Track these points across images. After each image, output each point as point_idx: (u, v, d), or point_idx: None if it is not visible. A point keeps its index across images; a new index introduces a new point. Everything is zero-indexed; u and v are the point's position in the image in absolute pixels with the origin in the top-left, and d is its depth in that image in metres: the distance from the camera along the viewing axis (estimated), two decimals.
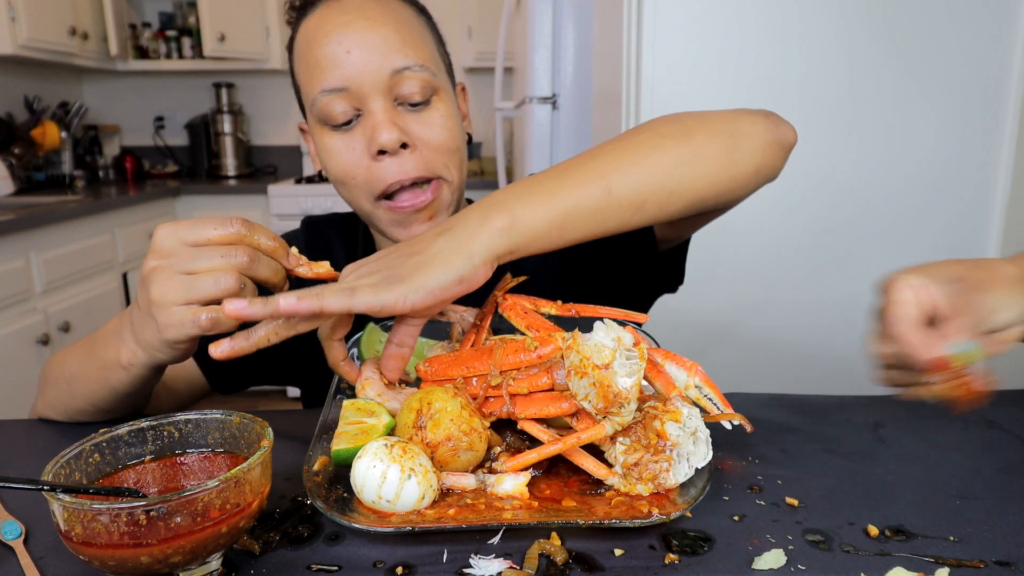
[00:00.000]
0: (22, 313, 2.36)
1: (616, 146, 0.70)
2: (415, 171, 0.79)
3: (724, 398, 0.66)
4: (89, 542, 0.45)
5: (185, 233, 0.61)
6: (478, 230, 0.61)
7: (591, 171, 0.66)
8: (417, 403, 0.60)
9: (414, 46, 0.80)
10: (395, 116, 0.79)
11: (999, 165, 1.66)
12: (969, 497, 0.61)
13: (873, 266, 1.71)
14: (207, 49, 3.30)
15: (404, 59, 0.79)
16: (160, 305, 0.61)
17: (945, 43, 1.58)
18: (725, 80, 1.61)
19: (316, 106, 0.79)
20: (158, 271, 0.61)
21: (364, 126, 0.79)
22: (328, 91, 0.78)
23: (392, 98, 0.79)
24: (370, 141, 0.78)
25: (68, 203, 2.67)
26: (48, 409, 0.80)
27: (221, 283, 0.60)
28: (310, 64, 0.80)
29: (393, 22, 0.80)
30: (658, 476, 0.57)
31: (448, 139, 0.82)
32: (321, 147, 0.82)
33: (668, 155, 0.69)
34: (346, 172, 0.81)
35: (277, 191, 3.28)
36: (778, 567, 0.51)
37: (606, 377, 0.56)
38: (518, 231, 0.62)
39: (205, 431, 0.57)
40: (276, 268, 0.64)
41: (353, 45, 0.78)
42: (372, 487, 0.54)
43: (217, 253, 0.60)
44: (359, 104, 0.79)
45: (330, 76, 0.78)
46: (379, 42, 0.78)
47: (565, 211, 0.64)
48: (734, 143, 0.72)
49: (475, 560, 0.52)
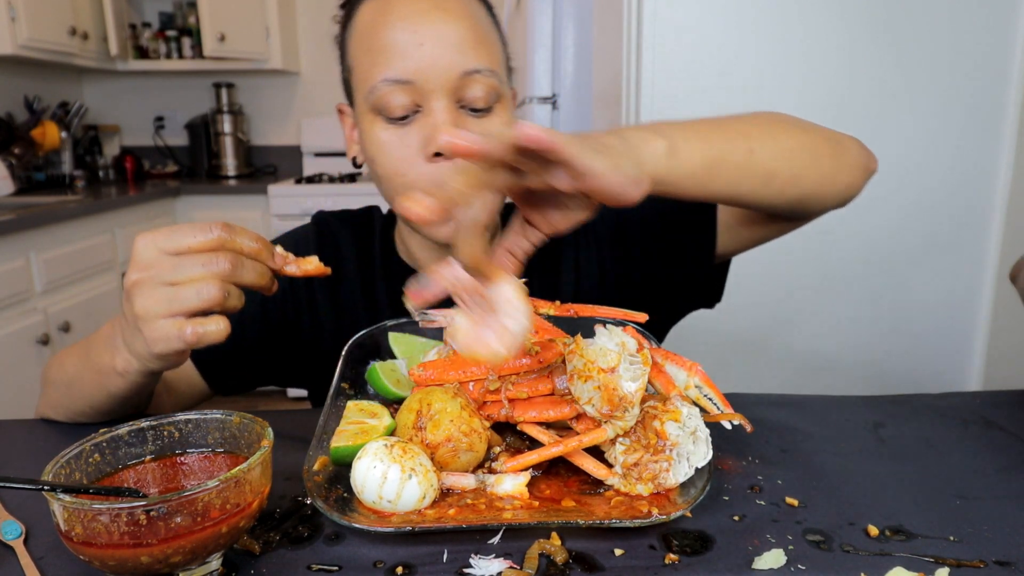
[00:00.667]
0: (22, 313, 2.36)
1: (749, 117, 0.69)
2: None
3: (724, 398, 0.66)
4: (89, 542, 0.45)
5: (164, 242, 0.60)
6: (643, 145, 0.58)
7: (735, 129, 0.66)
8: (417, 404, 0.60)
9: (487, 48, 0.77)
10: (457, 119, 0.76)
11: (999, 165, 1.66)
12: (969, 497, 0.61)
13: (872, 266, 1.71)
14: (207, 49, 3.30)
15: (476, 61, 0.75)
16: (145, 319, 0.60)
17: (945, 44, 1.58)
18: (725, 80, 1.61)
19: (374, 95, 0.75)
20: (140, 284, 0.60)
21: (422, 124, 0.76)
22: (391, 81, 0.74)
23: (456, 99, 0.76)
24: (428, 141, 0.75)
25: (68, 203, 2.67)
26: (50, 410, 0.80)
27: (204, 294, 0.58)
28: (373, 48, 0.75)
29: (469, 19, 0.76)
30: (658, 476, 0.57)
31: None
32: (370, 138, 0.78)
33: (795, 139, 0.69)
34: (395, 169, 0.77)
35: (277, 191, 3.28)
36: (778, 567, 0.51)
37: (611, 380, 0.56)
38: (677, 159, 0.59)
39: (205, 431, 0.57)
40: (261, 270, 0.62)
41: (427, 38, 0.73)
42: (373, 488, 0.54)
43: (198, 262, 0.59)
44: (421, 100, 0.75)
45: (397, 66, 0.74)
46: (455, 39, 0.74)
47: (716, 156, 0.63)
48: (841, 151, 0.73)
49: (475, 560, 0.52)
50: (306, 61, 3.86)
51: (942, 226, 1.70)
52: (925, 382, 1.75)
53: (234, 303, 0.61)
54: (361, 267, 0.92)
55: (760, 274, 1.68)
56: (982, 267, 1.71)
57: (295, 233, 0.96)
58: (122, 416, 0.77)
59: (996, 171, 1.66)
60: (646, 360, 0.57)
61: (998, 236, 1.69)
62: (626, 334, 0.58)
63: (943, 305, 1.73)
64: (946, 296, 1.73)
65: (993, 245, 1.70)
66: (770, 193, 0.69)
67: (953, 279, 1.72)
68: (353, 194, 3.29)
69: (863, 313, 1.70)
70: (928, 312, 1.71)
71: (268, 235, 3.48)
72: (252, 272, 0.61)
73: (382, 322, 0.79)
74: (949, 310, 1.73)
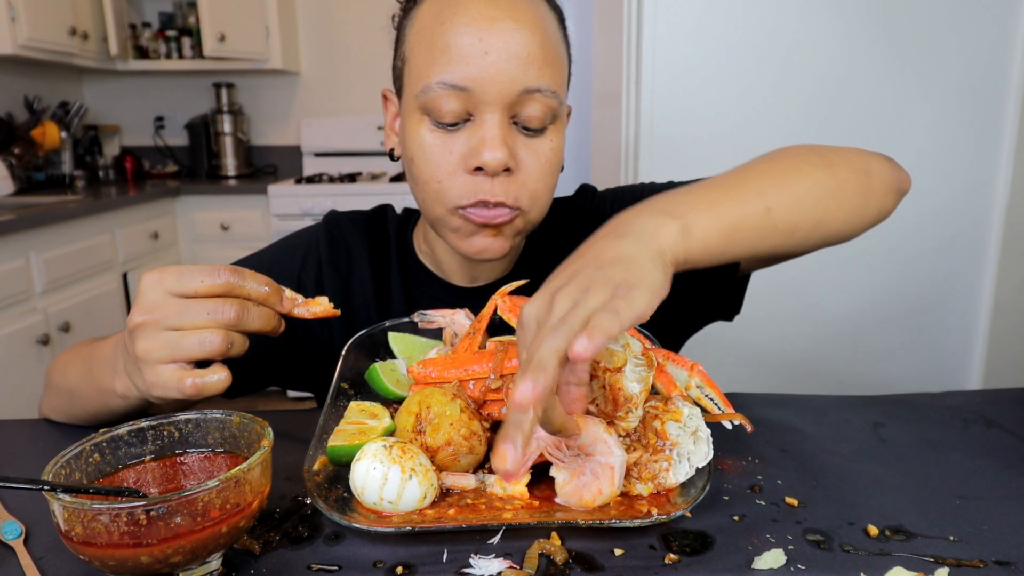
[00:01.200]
0: (22, 313, 2.36)
1: (764, 167, 0.66)
2: (504, 196, 0.72)
3: (725, 398, 0.66)
4: (89, 542, 0.45)
5: (172, 284, 0.59)
6: (657, 233, 0.55)
7: (748, 188, 0.63)
8: (416, 406, 0.60)
9: (552, 66, 0.73)
10: (507, 135, 0.72)
11: (999, 166, 1.66)
12: (969, 497, 0.61)
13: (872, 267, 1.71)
14: (207, 49, 3.30)
15: (540, 79, 0.71)
16: (146, 362, 0.59)
17: (945, 44, 1.58)
18: (725, 80, 1.61)
19: (427, 95, 0.71)
20: (143, 327, 0.59)
21: (471, 134, 0.72)
22: (447, 85, 0.70)
23: (510, 115, 0.72)
24: (473, 153, 0.71)
25: (68, 203, 2.67)
26: (52, 412, 0.81)
27: (206, 344, 0.58)
28: (435, 45, 0.71)
29: (540, 32, 0.72)
30: (658, 476, 0.57)
31: (548, 173, 0.75)
32: (414, 137, 0.74)
33: (817, 184, 0.66)
34: (433, 174, 0.74)
35: (277, 191, 3.28)
36: (778, 567, 0.51)
37: (617, 380, 0.56)
38: (693, 237, 0.57)
39: (205, 431, 0.57)
40: (268, 316, 0.62)
41: (494, 47, 0.69)
42: (373, 489, 0.54)
43: (204, 309, 0.58)
44: (474, 109, 0.71)
45: (457, 70, 0.70)
46: (522, 52, 0.70)
47: (732, 224, 0.60)
48: (868, 182, 0.70)
49: (475, 560, 0.52)
50: (306, 61, 3.86)
51: (942, 226, 1.70)
52: (925, 382, 1.75)
53: (237, 351, 0.61)
54: (374, 268, 0.90)
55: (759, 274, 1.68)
56: (982, 267, 1.72)
57: (306, 233, 0.94)
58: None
59: (996, 171, 1.66)
60: (651, 362, 0.57)
61: (998, 236, 1.69)
62: (632, 336, 0.58)
63: (943, 305, 1.73)
64: (946, 296, 1.73)
65: (993, 245, 1.70)
66: (793, 243, 0.66)
67: (953, 279, 1.72)
68: (353, 194, 3.29)
69: (863, 313, 1.70)
70: (928, 312, 1.71)
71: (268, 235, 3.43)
72: (259, 319, 0.61)
73: (381, 322, 0.80)
74: (949, 310, 1.73)
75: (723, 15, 1.58)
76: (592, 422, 0.57)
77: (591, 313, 0.46)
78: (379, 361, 0.74)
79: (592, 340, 0.44)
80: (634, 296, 0.48)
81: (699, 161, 1.67)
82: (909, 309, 1.71)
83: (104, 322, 2.76)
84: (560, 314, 0.47)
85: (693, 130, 1.65)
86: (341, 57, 3.83)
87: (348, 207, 0.98)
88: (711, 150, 1.66)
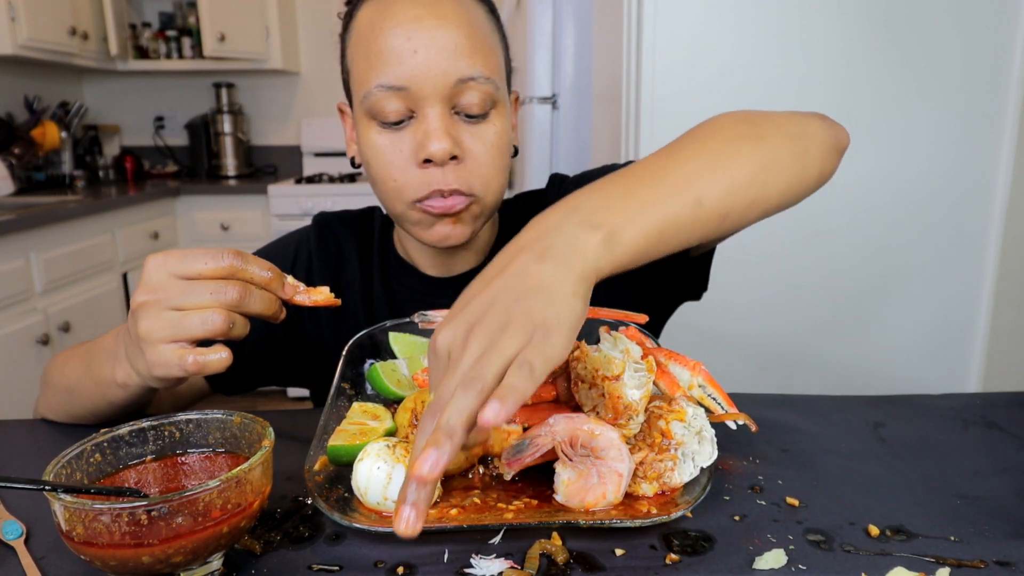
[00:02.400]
0: (22, 313, 2.36)
1: (694, 148, 0.64)
2: (456, 184, 0.76)
3: (728, 397, 0.66)
4: (90, 542, 0.45)
5: (175, 266, 0.60)
6: (581, 251, 0.52)
7: (677, 178, 0.60)
8: (412, 403, 0.61)
9: (483, 54, 0.76)
10: (450, 126, 0.75)
11: (999, 167, 1.66)
12: (970, 497, 0.61)
13: (872, 267, 1.71)
14: (207, 49, 3.30)
15: (471, 68, 0.74)
16: (148, 342, 0.60)
17: (946, 44, 1.58)
18: (725, 81, 1.61)
19: (369, 100, 0.75)
20: (146, 306, 0.60)
21: (415, 130, 0.76)
22: (385, 87, 0.74)
23: (450, 106, 0.76)
24: (419, 147, 0.75)
25: (68, 203, 2.67)
26: (49, 412, 0.81)
27: (208, 323, 0.59)
28: (370, 52, 0.75)
29: (466, 24, 0.75)
30: (663, 475, 0.57)
31: (496, 157, 0.79)
32: (365, 142, 0.79)
33: (748, 161, 0.64)
34: (387, 173, 0.78)
35: (277, 191, 3.28)
36: (779, 567, 0.51)
37: (616, 388, 0.56)
38: (619, 248, 0.54)
39: (206, 431, 0.57)
40: (269, 300, 0.62)
41: (421, 44, 0.73)
42: (377, 488, 0.54)
43: (207, 289, 0.59)
44: (414, 106, 0.75)
45: (391, 72, 0.74)
46: (449, 45, 0.73)
47: (660, 226, 0.57)
48: (803, 147, 0.69)
49: (476, 560, 0.52)
50: (306, 61, 3.87)
51: (942, 226, 1.70)
52: (924, 382, 1.75)
53: (239, 332, 0.61)
54: (361, 263, 0.93)
55: (759, 275, 1.68)
56: (982, 268, 1.72)
57: (297, 234, 0.96)
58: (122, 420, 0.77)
59: (996, 171, 1.66)
60: (651, 367, 0.57)
61: (998, 236, 1.69)
62: (631, 341, 0.58)
63: (943, 306, 1.73)
64: (946, 297, 1.73)
65: (993, 246, 1.70)
66: (727, 227, 0.64)
67: (953, 280, 1.73)
68: (353, 194, 3.29)
69: (862, 313, 1.70)
70: (927, 313, 1.71)
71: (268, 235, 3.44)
72: (260, 302, 0.61)
73: (382, 322, 0.80)
74: (949, 311, 1.73)
75: (723, 15, 1.58)
76: (608, 429, 0.56)
77: (506, 363, 0.44)
78: (380, 361, 0.74)
79: (504, 407, 0.41)
80: (551, 343, 0.45)
81: None
82: (908, 309, 1.71)
83: (104, 322, 2.76)
84: (473, 355, 0.45)
85: None
86: None
87: (348, 207, 1.00)
88: None
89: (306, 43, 3.83)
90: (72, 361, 0.78)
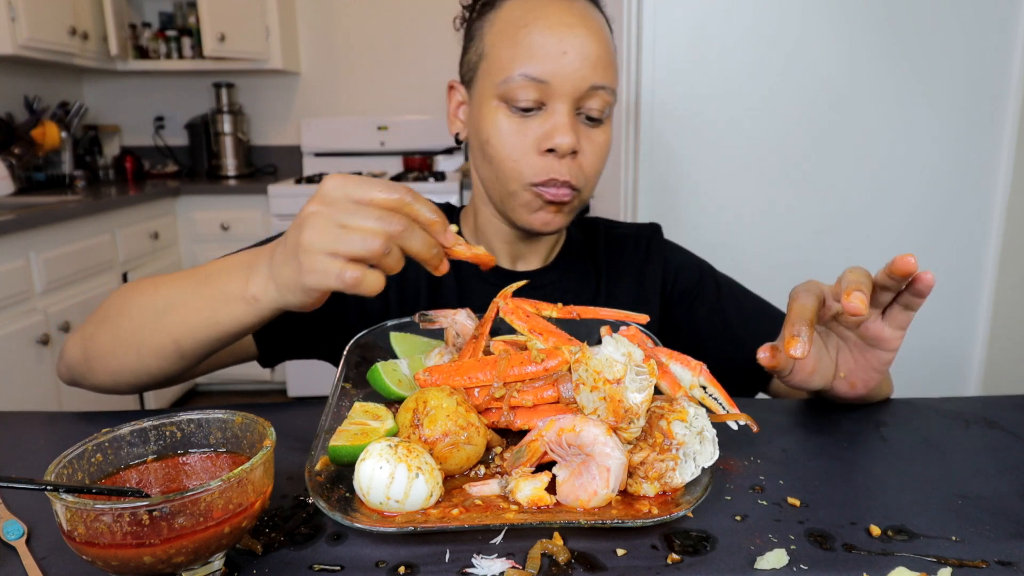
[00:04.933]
0: (22, 313, 2.36)
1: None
2: (570, 176, 0.85)
3: (730, 398, 0.66)
4: (92, 542, 0.45)
5: (352, 189, 0.62)
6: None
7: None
8: (413, 403, 0.61)
9: (612, 69, 0.86)
10: (574, 123, 0.84)
11: (999, 166, 1.66)
12: (971, 497, 0.61)
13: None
14: (207, 49, 3.30)
15: (604, 79, 0.84)
16: (307, 250, 0.62)
17: (946, 44, 1.58)
18: (725, 81, 1.61)
19: (508, 84, 0.83)
20: (315, 216, 0.62)
21: (544, 120, 0.84)
22: (528, 77, 0.82)
23: (576, 107, 0.84)
24: (546, 136, 0.83)
25: (68, 203, 2.67)
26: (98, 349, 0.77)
27: (368, 244, 0.61)
28: (519, 43, 0.83)
29: (604, 41, 0.85)
30: (664, 475, 0.57)
31: (601, 159, 0.89)
32: (491, 121, 0.85)
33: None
34: (508, 154, 0.85)
35: (277, 191, 3.28)
36: (780, 567, 0.51)
37: (617, 392, 0.56)
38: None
39: (207, 431, 0.57)
40: (429, 243, 0.64)
41: (572, 48, 0.82)
42: (380, 488, 0.54)
43: (374, 215, 0.61)
44: (547, 100, 0.83)
45: (539, 65, 0.81)
46: (592, 55, 0.83)
47: None
48: None
49: (477, 560, 0.52)
50: (306, 61, 3.87)
51: (942, 227, 1.70)
52: (924, 383, 1.75)
53: (392, 263, 0.62)
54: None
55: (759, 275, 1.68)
56: (982, 269, 1.72)
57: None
58: (187, 368, 0.78)
59: (996, 171, 1.66)
60: (652, 370, 0.57)
61: (998, 236, 1.69)
62: (633, 344, 0.58)
63: (942, 308, 1.73)
64: (945, 299, 1.73)
65: (993, 246, 1.70)
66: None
67: (953, 281, 1.73)
68: None
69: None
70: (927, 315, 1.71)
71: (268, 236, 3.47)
72: (420, 242, 0.63)
73: (382, 322, 0.80)
74: (948, 313, 1.73)
75: (723, 15, 1.58)
76: (593, 423, 0.57)
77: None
78: (380, 361, 0.74)
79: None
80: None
81: (699, 161, 1.68)
82: None
83: None
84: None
85: (693, 130, 1.65)
86: (341, 57, 3.83)
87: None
88: (711, 150, 1.66)
89: (306, 43, 3.83)
90: (168, 284, 0.75)
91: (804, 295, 0.70)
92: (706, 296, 1.01)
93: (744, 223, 1.70)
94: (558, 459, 0.58)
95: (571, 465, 0.57)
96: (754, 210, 1.69)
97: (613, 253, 1.03)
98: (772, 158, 1.64)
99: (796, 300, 0.69)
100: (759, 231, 1.70)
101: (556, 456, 0.58)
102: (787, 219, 1.69)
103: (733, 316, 1.00)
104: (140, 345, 0.75)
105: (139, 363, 0.76)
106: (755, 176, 1.66)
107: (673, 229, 1.10)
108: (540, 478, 0.57)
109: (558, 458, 0.58)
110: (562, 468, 0.58)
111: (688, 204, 1.70)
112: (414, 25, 3.79)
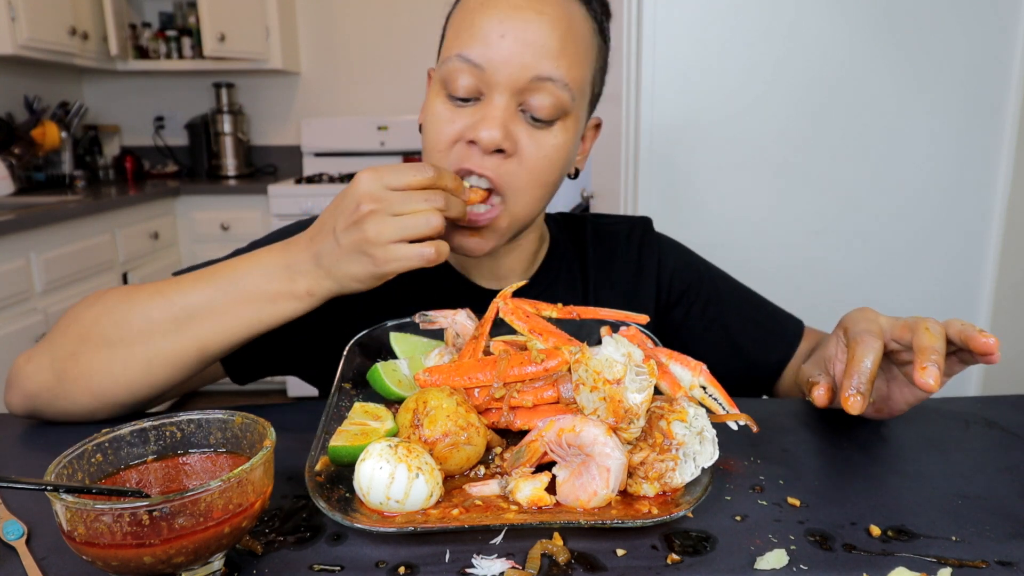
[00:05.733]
0: (22, 313, 2.36)
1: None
2: (492, 172, 0.76)
3: (730, 398, 0.66)
4: (92, 542, 0.45)
5: (389, 179, 0.68)
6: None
7: None
8: (413, 403, 0.61)
9: (569, 61, 0.76)
10: (509, 119, 0.76)
11: (999, 165, 1.66)
12: (971, 497, 0.61)
13: (871, 267, 1.71)
14: (207, 49, 3.30)
15: (551, 70, 0.75)
16: (377, 244, 0.67)
17: (946, 44, 1.58)
18: (725, 81, 1.61)
19: (445, 67, 0.77)
20: (374, 214, 0.67)
21: (476, 111, 0.76)
22: (463, 59, 0.75)
23: (519, 101, 0.76)
24: (471, 127, 0.76)
25: (68, 203, 2.67)
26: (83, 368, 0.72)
27: (431, 221, 0.67)
28: (463, 25, 0.77)
29: (563, 28, 0.75)
30: (664, 475, 0.57)
31: (546, 168, 0.78)
32: (429, 106, 0.81)
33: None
34: (436, 143, 0.79)
35: (277, 191, 3.28)
36: (780, 567, 0.51)
37: (617, 392, 0.56)
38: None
39: (207, 431, 0.57)
40: (462, 206, 0.72)
41: (510, 31, 0.74)
42: (380, 488, 0.54)
43: (421, 197, 0.68)
44: (485, 89, 0.76)
45: (474, 47, 0.75)
46: (537, 41, 0.74)
47: None
48: None
49: (477, 560, 0.52)
50: (306, 61, 3.87)
51: (942, 226, 1.70)
52: None
53: (443, 231, 0.69)
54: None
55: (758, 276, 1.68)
56: (982, 269, 1.72)
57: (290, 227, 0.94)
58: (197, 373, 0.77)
59: (996, 171, 1.66)
60: (652, 371, 0.57)
61: (998, 236, 1.69)
62: (632, 344, 0.58)
63: (942, 308, 1.73)
64: (945, 299, 1.73)
65: (993, 246, 1.70)
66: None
67: (953, 281, 1.73)
68: None
69: None
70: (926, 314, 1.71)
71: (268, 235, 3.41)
72: (457, 207, 0.71)
73: (383, 322, 0.80)
74: (948, 313, 1.73)
75: (723, 15, 1.58)
76: (593, 423, 0.57)
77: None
78: (381, 361, 0.74)
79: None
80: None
81: (699, 161, 1.68)
82: (908, 311, 1.71)
83: None
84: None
85: (693, 130, 1.65)
86: (341, 57, 3.84)
87: None
88: (711, 150, 1.66)
89: (306, 43, 3.83)
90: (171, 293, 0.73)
91: (867, 342, 0.66)
92: (703, 300, 0.98)
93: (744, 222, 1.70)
94: (558, 459, 0.58)
95: (571, 465, 0.57)
96: (754, 209, 1.69)
97: (603, 258, 0.98)
98: (772, 158, 1.64)
99: (859, 345, 0.66)
100: (759, 230, 1.70)
101: (556, 456, 0.58)
102: (787, 218, 1.69)
103: (733, 321, 0.98)
104: (153, 356, 0.72)
105: (145, 376, 0.73)
106: (755, 176, 1.66)
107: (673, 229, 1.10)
108: (540, 478, 0.57)
109: (558, 458, 0.58)
110: (562, 468, 0.58)
111: (688, 204, 1.70)
112: (414, 25, 3.79)
